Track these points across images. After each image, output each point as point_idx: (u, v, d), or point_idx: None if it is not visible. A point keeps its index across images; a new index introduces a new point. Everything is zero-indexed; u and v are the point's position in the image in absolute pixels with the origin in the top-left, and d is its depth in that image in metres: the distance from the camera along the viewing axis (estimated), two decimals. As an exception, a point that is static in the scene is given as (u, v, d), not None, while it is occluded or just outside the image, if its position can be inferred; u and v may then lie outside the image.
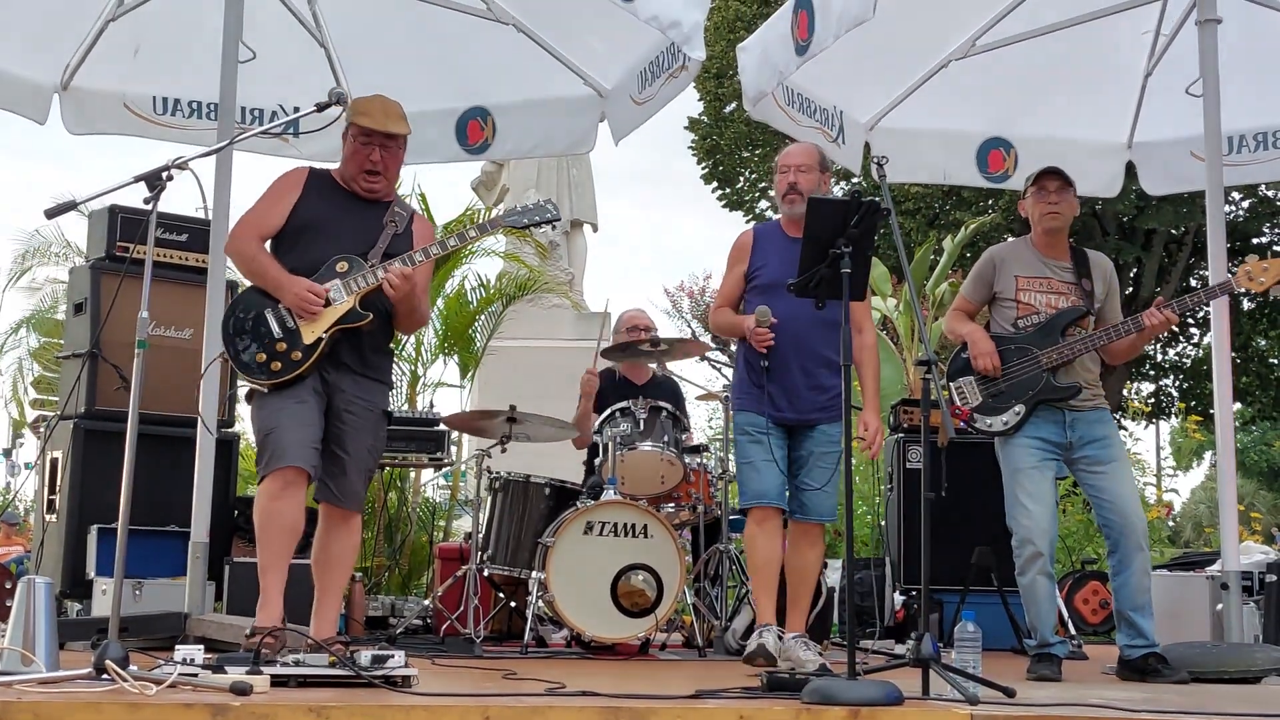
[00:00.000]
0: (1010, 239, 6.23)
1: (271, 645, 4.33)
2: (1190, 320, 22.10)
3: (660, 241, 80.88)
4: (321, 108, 4.78)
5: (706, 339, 20.16)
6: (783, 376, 5.38)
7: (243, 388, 5.03)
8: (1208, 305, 5.99)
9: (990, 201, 18.94)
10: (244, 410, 5.01)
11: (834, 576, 7.01)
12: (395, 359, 10.07)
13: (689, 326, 25.21)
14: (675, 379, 7.37)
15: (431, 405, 9.88)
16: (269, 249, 4.91)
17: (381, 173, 4.93)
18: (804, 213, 5.11)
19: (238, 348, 4.77)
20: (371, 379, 4.91)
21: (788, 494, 5.47)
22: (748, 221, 17.72)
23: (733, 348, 5.64)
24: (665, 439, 6.46)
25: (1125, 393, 22.03)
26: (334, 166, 5.07)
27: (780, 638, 5.35)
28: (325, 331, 4.72)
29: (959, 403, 5.57)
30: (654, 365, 7.05)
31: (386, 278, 4.73)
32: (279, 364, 4.71)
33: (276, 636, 4.44)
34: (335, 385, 4.81)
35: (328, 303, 4.72)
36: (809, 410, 5.39)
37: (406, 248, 4.90)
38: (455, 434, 8.14)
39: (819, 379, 5.40)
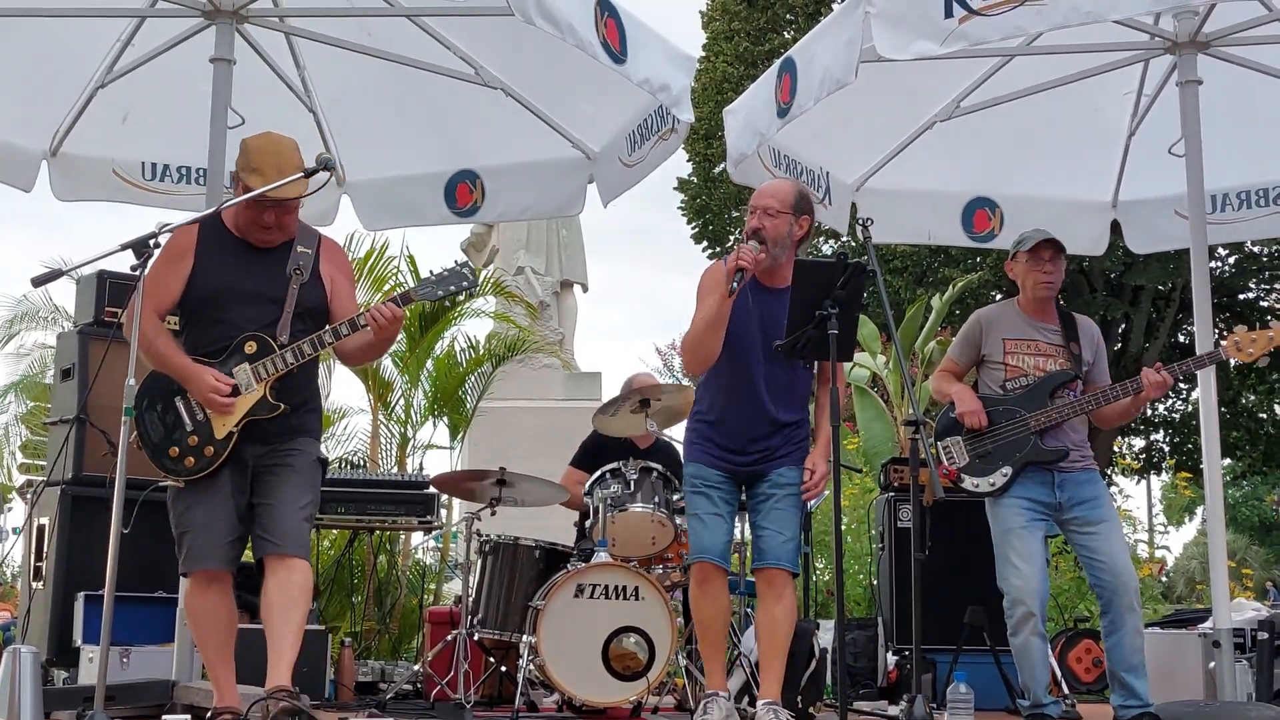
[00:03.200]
0: (999, 297, 6.26)
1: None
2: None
3: (651, 301, 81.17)
4: (310, 173, 4.66)
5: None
6: (744, 433, 5.23)
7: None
8: (1195, 371, 6.02)
9: (979, 259, 19.03)
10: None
11: (827, 637, 6.97)
12: (385, 422, 10.11)
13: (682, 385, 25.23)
14: (676, 444, 7.35)
15: (421, 467, 9.86)
16: (178, 319, 4.75)
17: (275, 228, 4.70)
18: (771, 265, 5.14)
19: (149, 440, 4.65)
20: (298, 433, 4.76)
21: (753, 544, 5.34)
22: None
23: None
24: (656, 500, 6.43)
25: (1116, 448, 22.05)
26: (228, 206, 4.73)
27: (743, 706, 5.27)
28: (236, 425, 4.60)
29: (946, 462, 5.57)
30: (651, 428, 7.01)
31: (291, 368, 4.63)
32: (192, 459, 4.61)
33: (237, 712, 4.45)
34: (256, 455, 4.68)
35: (236, 391, 4.58)
36: (766, 459, 5.23)
37: (317, 297, 4.76)
38: (445, 496, 8.11)
39: (775, 433, 5.24)
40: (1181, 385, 22.34)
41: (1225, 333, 19.88)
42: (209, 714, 4.63)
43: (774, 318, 5.13)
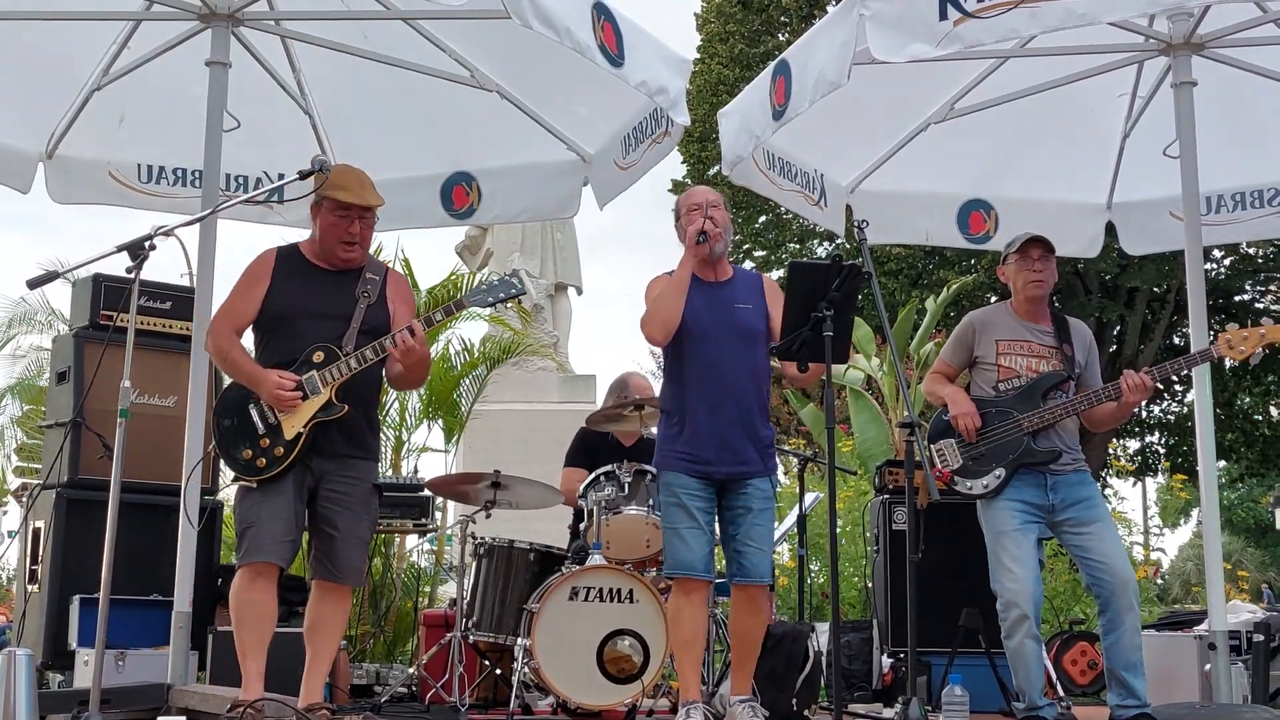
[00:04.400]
0: (994, 299, 6.27)
1: (253, 716, 4.37)
2: (1175, 378, 22.15)
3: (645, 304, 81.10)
4: (305, 175, 4.88)
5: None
6: (716, 426, 5.24)
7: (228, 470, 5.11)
8: (1188, 371, 6.02)
9: (973, 261, 19.04)
10: (228, 470, 5.10)
11: (822, 639, 6.97)
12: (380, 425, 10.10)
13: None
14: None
15: (416, 470, 9.86)
16: (254, 336, 5.06)
17: (358, 243, 5.03)
18: (723, 253, 5.35)
19: (225, 444, 4.95)
20: (357, 458, 5.03)
21: (727, 555, 5.40)
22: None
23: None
24: (650, 502, 6.43)
25: (1111, 450, 22.06)
26: (301, 239, 5.18)
27: (713, 712, 5.31)
28: (304, 425, 4.86)
29: (939, 465, 5.57)
30: (643, 429, 7.04)
31: (355, 372, 4.89)
32: (264, 460, 4.87)
33: (258, 708, 4.56)
34: (320, 469, 4.95)
35: (305, 395, 4.84)
36: (742, 463, 5.26)
37: (383, 318, 5.04)
38: (440, 499, 8.11)
39: (754, 429, 5.29)
40: (1177, 387, 22.39)
41: (1218, 336, 19.88)
42: (229, 706, 4.80)
43: (724, 301, 5.34)
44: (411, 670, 7.24)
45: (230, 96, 6.32)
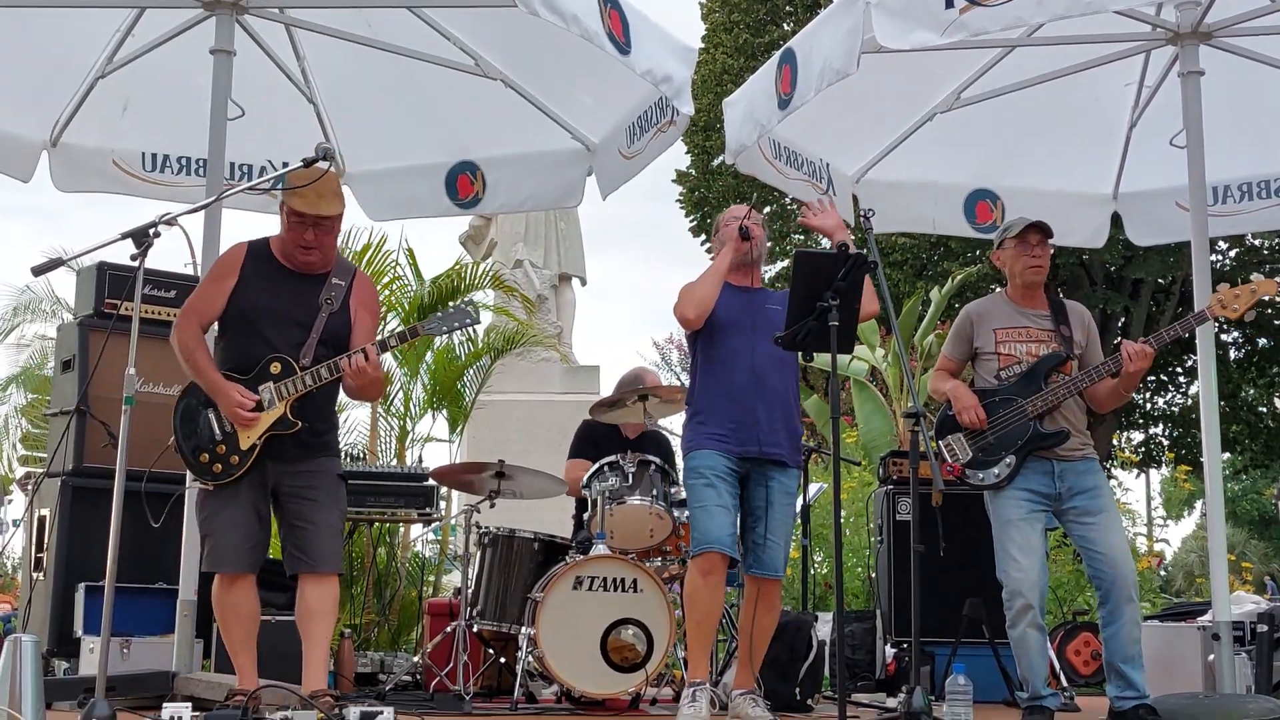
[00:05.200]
0: (997, 289, 6.25)
1: (255, 705, 4.45)
2: (1179, 369, 22.13)
3: (649, 294, 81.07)
4: (308, 163, 4.85)
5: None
6: (745, 409, 5.34)
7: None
8: (1185, 335, 5.97)
9: (978, 253, 18.99)
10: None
11: (825, 629, 6.98)
12: (384, 414, 10.11)
13: (678, 379, 25.17)
14: (665, 433, 7.36)
15: (420, 460, 9.85)
16: (216, 329, 5.10)
17: (316, 249, 4.99)
18: (758, 260, 5.55)
19: (184, 444, 5.00)
20: (315, 456, 5.04)
21: (745, 546, 5.44)
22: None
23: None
24: (654, 493, 6.43)
25: (1115, 442, 22.03)
26: (274, 234, 5.14)
27: (718, 696, 5.35)
28: (259, 438, 4.89)
29: (950, 460, 5.56)
30: (646, 419, 7.03)
31: (310, 389, 4.91)
32: (219, 466, 4.93)
33: (256, 697, 4.68)
34: (278, 471, 4.97)
35: (260, 407, 4.88)
36: (773, 445, 5.35)
37: (344, 325, 5.03)
38: (444, 489, 8.11)
39: (787, 416, 5.41)
40: (1181, 379, 22.35)
41: (1224, 327, 19.85)
42: (226, 695, 4.91)
43: (755, 302, 5.50)
44: (416, 659, 7.25)
45: (234, 85, 6.31)
